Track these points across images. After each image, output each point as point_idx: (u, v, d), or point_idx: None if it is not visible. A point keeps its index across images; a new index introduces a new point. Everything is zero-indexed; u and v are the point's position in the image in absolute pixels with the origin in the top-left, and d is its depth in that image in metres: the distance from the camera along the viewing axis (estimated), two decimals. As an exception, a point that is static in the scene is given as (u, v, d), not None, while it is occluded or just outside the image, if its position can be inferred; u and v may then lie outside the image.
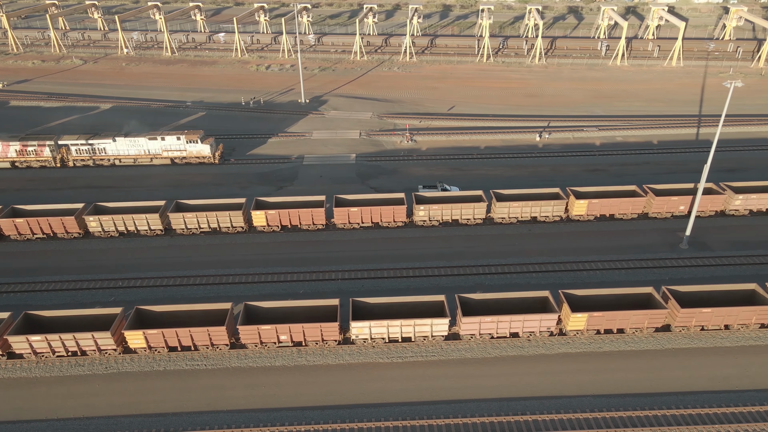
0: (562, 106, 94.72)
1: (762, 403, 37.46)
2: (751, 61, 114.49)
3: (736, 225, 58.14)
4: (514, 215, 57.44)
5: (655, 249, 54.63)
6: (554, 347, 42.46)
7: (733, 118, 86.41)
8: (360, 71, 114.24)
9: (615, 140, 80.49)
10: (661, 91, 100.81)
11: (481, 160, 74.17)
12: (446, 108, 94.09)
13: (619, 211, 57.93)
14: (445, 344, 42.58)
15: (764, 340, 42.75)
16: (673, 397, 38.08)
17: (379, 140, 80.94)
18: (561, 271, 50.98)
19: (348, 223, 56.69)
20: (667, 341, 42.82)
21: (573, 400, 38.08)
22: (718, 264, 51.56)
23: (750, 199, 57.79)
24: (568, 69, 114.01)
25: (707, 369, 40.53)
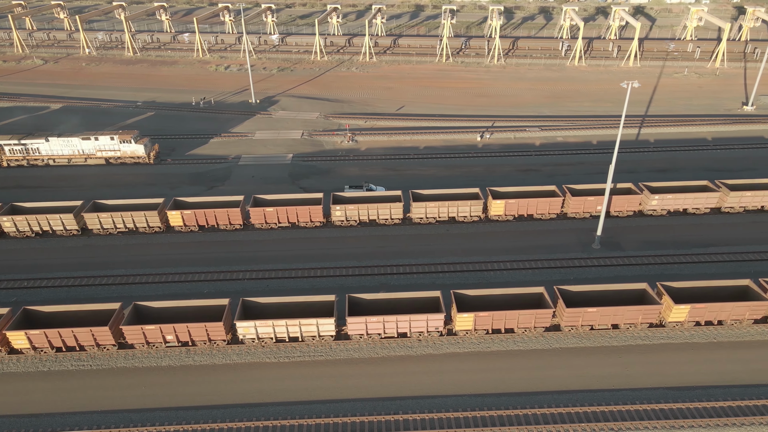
0: (511, 106, 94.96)
1: (633, 401, 37.70)
2: (709, 61, 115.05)
3: (652, 225, 58.38)
4: (431, 215, 57.60)
5: (568, 249, 54.84)
6: (443, 347, 42.64)
7: (672, 118, 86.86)
8: (318, 71, 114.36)
9: (556, 140, 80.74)
10: (613, 91, 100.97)
11: (417, 161, 74.33)
12: (396, 108, 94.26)
13: (537, 211, 58.10)
14: (334, 344, 42.76)
15: (651, 340, 42.97)
16: (548, 396, 38.34)
17: (320, 140, 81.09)
18: (468, 271, 51.16)
19: (265, 223, 56.90)
20: (555, 341, 43.06)
21: (448, 400, 38.25)
22: (624, 264, 51.76)
23: (666, 200, 58.00)
24: (525, 69, 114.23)
25: (589, 368, 40.72)
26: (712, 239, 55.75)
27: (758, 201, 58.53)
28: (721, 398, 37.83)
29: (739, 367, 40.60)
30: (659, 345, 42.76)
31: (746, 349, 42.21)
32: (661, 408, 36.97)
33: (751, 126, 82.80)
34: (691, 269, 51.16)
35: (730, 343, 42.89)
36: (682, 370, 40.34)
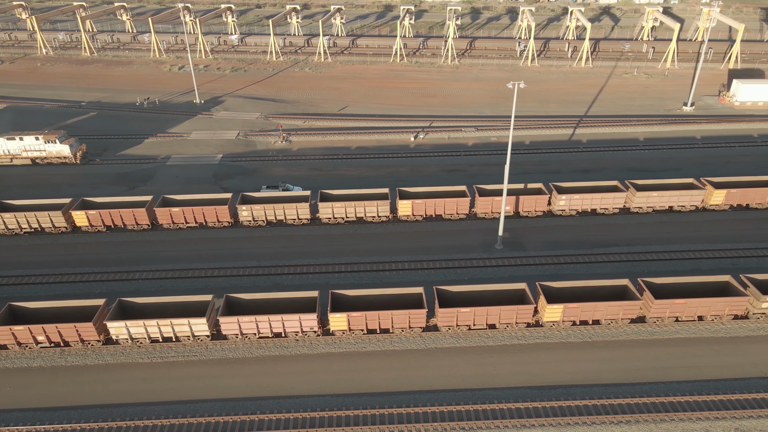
0: (455, 107, 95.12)
1: (492, 401, 37.74)
2: (660, 62, 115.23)
3: (560, 225, 58.57)
4: (339, 215, 57.78)
5: (471, 249, 54.99)
6: (318, 347, 42.74)
7: (609, 118, 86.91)
8: (271, 72, 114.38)
9: (489, 141, 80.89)
10: (560, 91, 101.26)
11: (345, 161, 74.45)
12: (338, 108, 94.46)
13: (446, 211, 58.30)
14: (211, 344, 42.83)
15: (527, 339, 43.07)
16: (409, 396, 38.40)
17: (253, 141, 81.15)
18: (363, 271, 51.28)
19: (172, 223, 57.00)
20: (432, 341, 43.19)
21: (310, 400, 38.33)
22: (520, 264, 51.91)
23: (573, 200, 58.23)
24: (478, 69, 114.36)
25: (458, 368, 40.85)
26: (615, 239, 55.91)
27: (665, 201, 58.78)
28: (579, 397, 38.08)
29: (605, 366, 40.80)
30: (534, 345, 42.96)
31: (617, 348, 42.39)
32: (516, 407, 37.16)
33: (685, 126, 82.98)
34: (586, 269, 51.34)
35: (603, 342, 43.10)
36: (549, 370, 40.57)
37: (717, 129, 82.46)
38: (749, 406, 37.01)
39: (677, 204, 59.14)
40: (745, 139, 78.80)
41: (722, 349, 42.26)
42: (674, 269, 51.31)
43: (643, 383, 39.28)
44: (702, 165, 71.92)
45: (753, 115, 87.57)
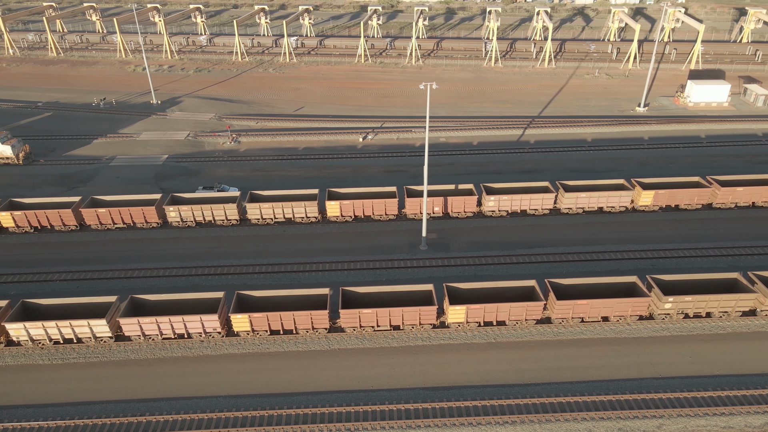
0: (411, 107, 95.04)
1: (383, 402, 37.80)
2: (624, 63, 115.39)
3: (489, 226, 58.66)
4: (267, 216, 57.82)
5: (395, 250, 55.06)
6: (222, 348, 42.80)
7: (562, 119, 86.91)
8: (235, 72, 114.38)
9: (438, 141, 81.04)
10: (519, 92, 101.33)
11: (289, 161, 74.48)
12: (294, 109, 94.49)
13: (374, 212, 58.38)
14: (115, 345, 42.99)
15: (432, 340, 43.13)
16: (304, 397, 38.51)
17: (202, 141, 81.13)
18: (281, 272, 51.33)
19: (100, 224, 57.00)
20: (336, 342, 43.24)
21: (202, 401, 38.41)
22: (441, 265, 52.01)
23: (502, 201, 58.33)
24: (441, 70, 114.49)
25: (358, 369, 40.91)
26: (541, 240, 56.09)
27: (594, 202, 58.93)
28: (470, 398, 38.20)
29: (505, 367, 40.86)
30: (438, 346, 43.04)
31: (520, 349, 42.47)
32: (405, 408, 37.21)
33: (635, 127, 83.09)
34: (505, 270, 51.40)
35: (508, 343, 43.20)
36: (447, 371, 40.65)
37: (665, 130, 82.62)
38: (636, 406, 37.11)
39: (606, 205, 59.25)
40: (691, 140, 78.92)
41: (623, 349, 42.38)
42: (593, 270, 51.43)
43: (537, 384, 39.40)
44: (643, 166, 72.07)
45: (704, 116, 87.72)
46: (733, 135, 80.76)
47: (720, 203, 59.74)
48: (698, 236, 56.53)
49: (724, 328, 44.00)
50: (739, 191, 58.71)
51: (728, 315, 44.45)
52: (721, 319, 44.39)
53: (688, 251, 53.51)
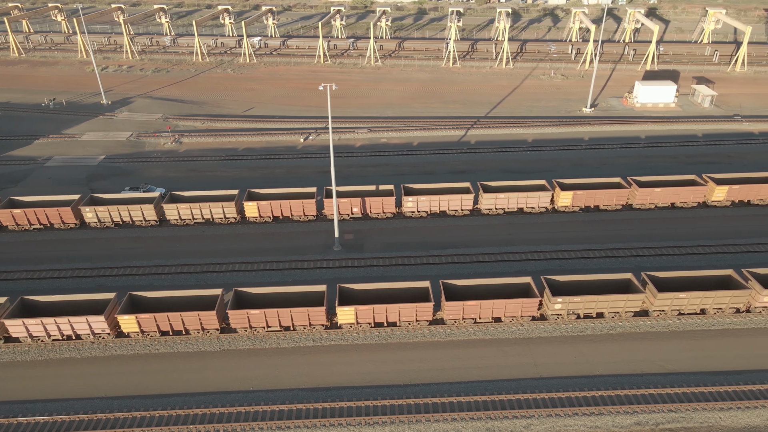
0: (361, 108, 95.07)
1: (258, 402, 37.90)
2: (580, 63, 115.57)
3: (409, 227, 58.71)
4: (185, 217, 57.85)
5: (308, 251, 55.11)
6: (111, 350, 42.70)
7: (506, 119, 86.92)
8: (193, 72, 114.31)
9: (379, 142, 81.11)
10: (472, 92, 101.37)
11: (225, 162, 74.49)
12: (244, 110, 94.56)
13: (293, 212, 58.46)
14: (4, 347, 43.02)
15: (322, 341, 43.21)
16: (179, 399, 38.58)
17: (143, 142, 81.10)
18: (195, 273, 51.44)
19: (16, 225, 56.99)
20: (227, 343, 43.24)
21: (77, 403, 38.43)
22: (351, 266, 52.11)
23: (421, 201, 58.42)
24: (399, 70, 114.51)
25: (241, 370, 40.93)
26: (456, 241, 56.16)
27: (514, 203, 59.05)
28: (347, 399, 38.27)
29: (390, 368, 40.89)
30: (328, 346, 43.05)
31: (411, 350, 42.51)
32: (279, 409, 37.28)
33: (578, 128, 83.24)
34: (412, 271, 51.54)
35: (399, 344, 43.19)
36: (330, 372, 40.71)
37: (607, 130, 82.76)
38: (509, 406, 37.21)
39: (526, 206, 59.45)
40: (630, 141, 79.10)
41: (511, 350, 42.46)
42: (503, 271, 51.49)
43: (417, 384, 39.49)
44: (577, 166, 72.20)
45: (647, 116, 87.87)
46: (673, 136, 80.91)
47: (639, 204, 59.97)
48: (613, 237, 56.59)
49: (615, 328, 44.14)
50: (657, 192, 58.88)
51: (619, 315, 44.69)
52: (613, 320, 44.61)
53: (596, 252, 53.57)
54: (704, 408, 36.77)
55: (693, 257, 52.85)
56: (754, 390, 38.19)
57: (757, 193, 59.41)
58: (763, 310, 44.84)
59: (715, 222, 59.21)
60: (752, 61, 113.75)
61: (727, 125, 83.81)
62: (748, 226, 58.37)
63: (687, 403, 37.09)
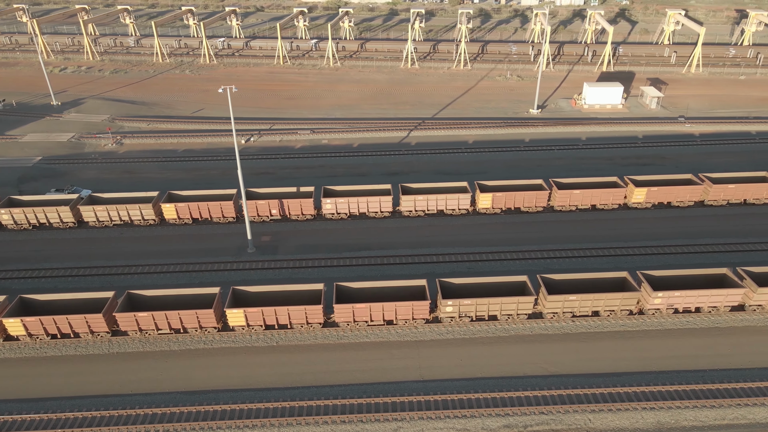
0: (310, 109, 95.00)
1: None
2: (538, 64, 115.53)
3: (328, 229, 58.65)
4: (103, 219, 57.76)
5: (222, 253, 55.04)
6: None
7: (451, 121, 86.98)
8: (152, 73, 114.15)
9: (320, 143, 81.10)
10: (424, 93, 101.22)
11: (161, 163, 74.39)
12: (193, 111, 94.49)
13: (212, 214, 58.39)
14: (1, 344, 43.55)
15: (215, 344, 43.18)
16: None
17: (84, 143, 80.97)
18: (103, 275, 51.39)
19: (-68, 227, 57.12)
20: (118, 346, 43.28)
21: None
22: (263, 268, 52.19)
23: (339, 203, 58.35)
24: (357, 71, 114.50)
25: (123, 374, 40.88)
26: (373, 243, 56.06)
27: (433, 204, 59.01)
28: (222, 402, 38.17)
29: (268, 370, 40.80)
30: (219, 349, 42.89)
31: (296, 353, 42.43)
32: (153, 412, 37.29)
33: (520, 129, 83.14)
34: (320, 273, 51.52)
35: (288, 346, 43.06)
36: (214, 374, 40.58)
37: (549, 132, 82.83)
38: (383, 409, 37.08)
39: (446, 207, 59.46)
40: (569, 143, 79.16)
41: (399, 353, 42.28)
42: (411, 273, 51.38)
43: (297, 387, 39.37)
44: (512, 168, 72.19)
45: (593, 118, 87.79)
46: (613, 137, 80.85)
47: (560, 206, 60.01)
48: (532, 239, 56.51)
49: (508, 331, 44.15)
50: (577, 194, 58.94)
51: (513, 318, 44.73)
52: (507, 322, 44.64)
53: (509, 254, 53.58)
54: (575, 410, 36.89)
55: (603, 259, 52.86)
56: (629, 392, 38.18)
57: (676, 196, 59.52)
58: (655, 311, 45.11)
59: (635, 224, 59.36)
60: (711, 62, 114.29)
61: (669, 127, 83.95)
62: (667, 228, 58.53)
63: (559, 405, 37.22)
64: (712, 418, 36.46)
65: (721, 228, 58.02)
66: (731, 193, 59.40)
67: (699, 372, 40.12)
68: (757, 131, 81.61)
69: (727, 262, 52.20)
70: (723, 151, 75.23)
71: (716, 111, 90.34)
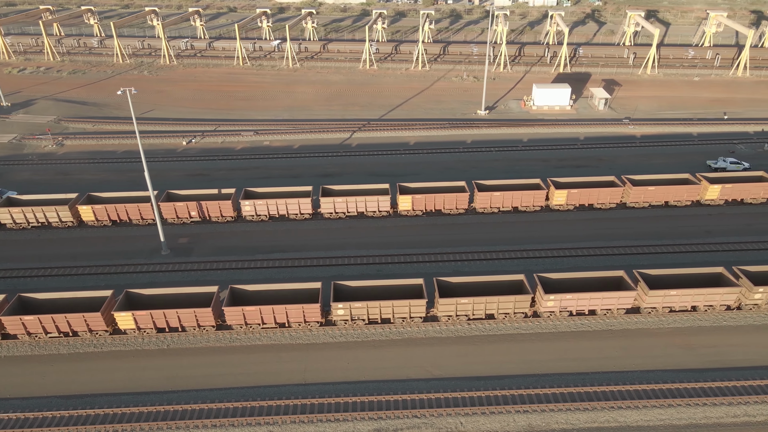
0: (260, 110, 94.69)
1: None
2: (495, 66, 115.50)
3: (247, 230, 58.52)
4: (19, 220, 57.47)
5: (137, 255, 54.89)
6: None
7: (393, 122, 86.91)
8: (110, 74, 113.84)
9: (262, 144, 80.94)
10: (378, 94, 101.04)
11: (95, 165, 74.21)
12: (143, 112, 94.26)
13: (130, 216, 58.28)
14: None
15: (108, 347, 43.11)
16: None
17: (26, 144, 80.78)
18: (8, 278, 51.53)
19: None
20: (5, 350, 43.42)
21: None
22: (162, 270, 52.04)
23: (258, 205, 58.19)
24: (314, 72, 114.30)
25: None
26: (289, 245, 55.93)
27: (353, 206, 58.74)
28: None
29: (150, 374, 40.72)
30: (107, 353, 42.82)
31: (186, 356, 42.38)
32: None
33: (463, 131, 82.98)
34: (219, 276, 51.34)
35: (179, 350, 43.10)
36: (89, 379, 40.39)
37: (493, 133, 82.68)
38: (257, 413, 37.00)
39: (366, 209, 59.29)
40: (511, 144, 79.10)
41: (288, 356, 42.28)
42: (319, 276, 51.33)
43: (176, 391, 39.40)
44: (447, 170, 71.96)
45: (539, 119, 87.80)
46: (555, 139, 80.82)
47: (481, 207, 59.93)
48: (453, 241, 56.45)
49: (402, 334, 44.07)
50: (497, 196, 58.88)
51: (407, 321, 44.62)
52: (402, 325, 44.53)
53: (426, 256, 53.54)
54: (449, 413, 36.81)
55: (513, 261, 52.82)
56: (506, 395, 38.12)
57: (597, 198, 59.47)
58: (548, 313, 45.05)
59: (557, 225, 59.35)
60: (669, 63, 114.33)
61: (612, 128, 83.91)
62: (589, 230, 58.53)
63: (434, 408, 37.13)
64: (584, 420, 36.53)
65: (643, 230, 58.12)
66: (651, 196, 59.43)
67: (582, 375, 40.26)
68: (699, 133, 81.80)
69: (627, 264, 52.01)
70: (660, 153, 75.34)
71: (663, 112, 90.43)
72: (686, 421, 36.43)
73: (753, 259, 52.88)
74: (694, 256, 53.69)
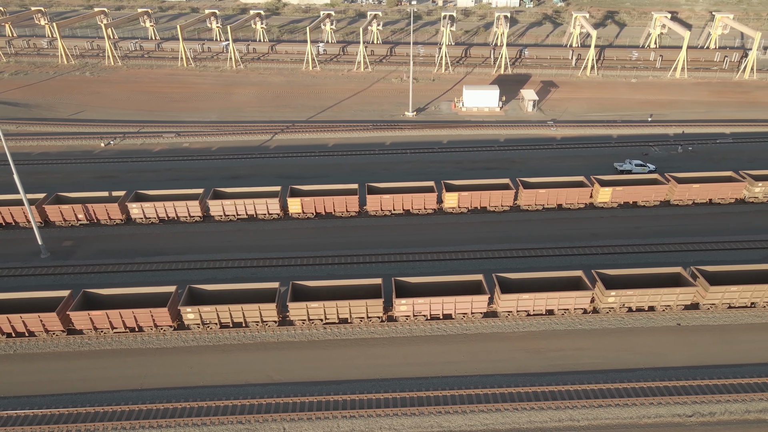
0: (189, 111, 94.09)
1: None
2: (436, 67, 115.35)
3: (135, 234, 58.16)
4: None
5: (15, 258, 54.39)
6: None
7: (318, 124, 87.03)
8: (51, 75, 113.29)
9: (181, 146, 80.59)
10: (314, 96, 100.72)
11: (5, 167, 74.12)
12: (72, 113, 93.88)
13: (15, 219, 57.94)
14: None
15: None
16: None
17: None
18: None
19: None
20: None
21: None
22: (32, 275, 51.74)
23: (146, 208, 57.99)
24: (257, 74, 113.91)
25: None
26: (175, 248, 55.60)
27: (242, 210, 58.31)
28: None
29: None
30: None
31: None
32: None
33: (385, 132, 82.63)
34: (105, 279, 51.11)
35: (26, 355, 43.15)
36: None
37: (416, 135, 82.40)
38: (99, 419, 37.00)
39: (256, 212, 59.02)
40: (430, 146, 78.89)
41: (133, 361, 41.96)
42: (216, 277, 51.32)
43: (6, 397, 39.27)
44: (356, 172, 71.58)
45: (466, 121, 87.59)
46: (477, 140, 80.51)
47: (373, 210, 59.72)
48: (347, 243, 56.46)
49: (255, 338, 43.68)
50: (386, 198, 58.61)
51: (260, 324, 44.42)
52: (257, 329, 44.34)
53: (326, 258, 53.73)
54: (273, 419, 36.54)
55: (384, 265, 52.84)
56: (336, 400, 38.01)
57: (489, 200, 59.29)
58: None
59: (450, 228, 59.19)
60: (613, 65, 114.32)
61: (535, 130, 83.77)
62: (485, 233, 58.44)
63: (261, 414, 36.87)
64: (408, 426, 36.31)
65: (538, 232, 58.04)
66: (543, 198, 59.31)
67: (420, 379, 40.06)
68: (619, 135, 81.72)
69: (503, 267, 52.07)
70: (572, 155, 75.21)
71: (590, 114, 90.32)
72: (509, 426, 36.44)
73: (635, 261, 52.94)
74: (581, 258, 53.84)
